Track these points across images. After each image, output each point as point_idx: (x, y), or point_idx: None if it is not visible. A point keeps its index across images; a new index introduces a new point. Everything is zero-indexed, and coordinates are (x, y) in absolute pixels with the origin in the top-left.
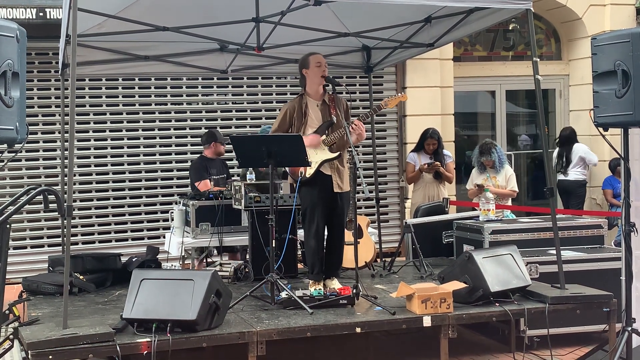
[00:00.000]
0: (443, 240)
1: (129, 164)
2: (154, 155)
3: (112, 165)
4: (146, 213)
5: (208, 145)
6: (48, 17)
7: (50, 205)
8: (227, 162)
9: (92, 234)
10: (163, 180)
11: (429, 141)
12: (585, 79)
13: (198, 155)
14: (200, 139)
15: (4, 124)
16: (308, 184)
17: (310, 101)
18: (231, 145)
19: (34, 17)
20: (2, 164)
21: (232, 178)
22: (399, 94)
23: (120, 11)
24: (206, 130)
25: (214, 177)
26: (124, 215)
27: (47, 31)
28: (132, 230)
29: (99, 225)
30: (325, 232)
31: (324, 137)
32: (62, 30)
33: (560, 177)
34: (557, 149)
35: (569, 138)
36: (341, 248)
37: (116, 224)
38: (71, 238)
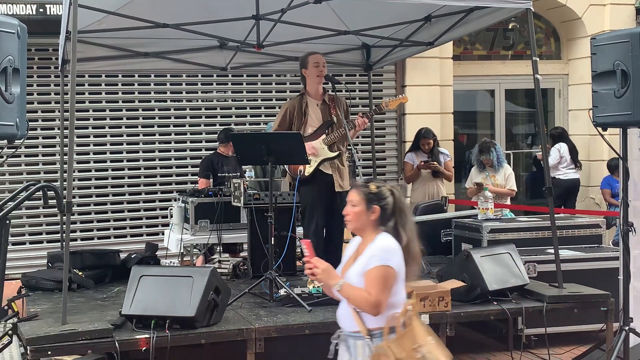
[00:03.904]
0: (441, 238)
1: (128, 161)
2: (153, 152)
3: (111, 161)
4: (145, 210)
5: (226, 142)
6: (48, 13)
7: (49, 201)
8: None
9: (91, 230)
10: (162, 177)
11: (423, 141)
12: (584, 79)
13: (202, 151)
14: (198, 135)
15: (4, 120)
16: (308, 183)
17: (311, 101)
18: None
19: (34, 13)
20: (2, 159)
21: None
22: (400, 96)
23: (120, 7)
24: (223, 128)
25: (227, 174)
26: (123, 211)
27: (47, 27)
28: (131, 227)
29: (98, 221)
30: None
31: (323, 136)
32: (62, 27)
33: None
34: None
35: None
36: (340, 246)
37: (115, 220)
38: (70, 234)
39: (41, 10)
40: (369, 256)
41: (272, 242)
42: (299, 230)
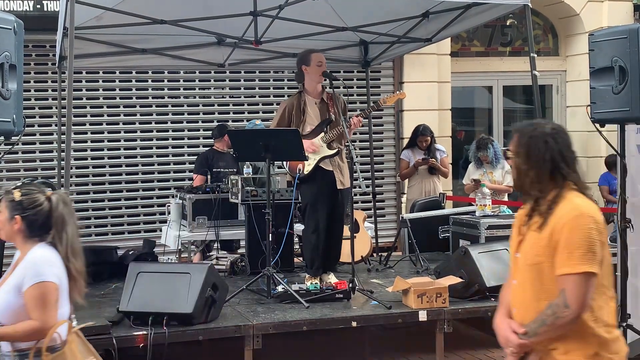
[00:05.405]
0: (439, 235)
1: (125, 157)
2: (151, 148)
3: (108, 158)
4: (143, 206)
5: (220, 138)
6: (45, 9)
7: None
8: None
9: (89, 227)
10: (160, 174)
11: (421, 138)
12: (582, 75)
13: (200, 148)
14: (196, 132)
15: (1, 116)
16: (309, 181)
17: (309, 99)
18: None
19: (31, 9)
20: None
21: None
22: (398, 92)
23: (118, 4)
24: (217, 124)
25: (223, 170)
26: (120, 208)
27: (44, 23)
28: (129, 224)
29: (96, 218)
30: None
31: (322, 134)
32: (60, 23)
33: None
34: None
35: None
36: (339, 243)
37: (113, 217)
38: None
39: (38, 6)
40: (21, 274)
41: (270, 239)
42: (297, 227)
